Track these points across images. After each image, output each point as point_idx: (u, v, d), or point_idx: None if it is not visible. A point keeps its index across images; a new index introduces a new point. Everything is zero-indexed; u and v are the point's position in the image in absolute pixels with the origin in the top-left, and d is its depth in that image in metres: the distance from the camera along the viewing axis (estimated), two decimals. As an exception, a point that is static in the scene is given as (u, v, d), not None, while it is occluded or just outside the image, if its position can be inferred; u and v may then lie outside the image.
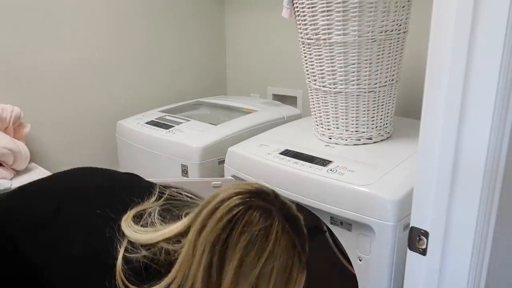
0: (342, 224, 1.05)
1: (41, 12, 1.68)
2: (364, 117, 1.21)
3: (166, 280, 0.68)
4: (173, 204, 0.83)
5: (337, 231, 1.07)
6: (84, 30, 1.81)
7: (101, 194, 0.85)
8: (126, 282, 0.67)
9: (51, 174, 1.18)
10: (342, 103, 1.20)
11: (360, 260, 1.03)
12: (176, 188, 0.90)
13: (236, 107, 1.88)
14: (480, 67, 0.57)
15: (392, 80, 1.21)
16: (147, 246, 0.71)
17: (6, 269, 0.79)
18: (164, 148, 1.52)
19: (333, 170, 1.07)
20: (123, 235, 0.73)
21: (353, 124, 1.22)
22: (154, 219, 0.77)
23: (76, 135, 1.18)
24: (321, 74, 1.21)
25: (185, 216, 0.76)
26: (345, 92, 1.19)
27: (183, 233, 0.71)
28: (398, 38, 1.17)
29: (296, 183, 1.12)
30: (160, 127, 1.62)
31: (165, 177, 1.36)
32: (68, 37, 1.77)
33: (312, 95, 1.30)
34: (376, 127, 1.23)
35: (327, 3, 1.10)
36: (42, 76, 1.72)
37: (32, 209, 0.83)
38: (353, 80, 1.17)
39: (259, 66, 2.17)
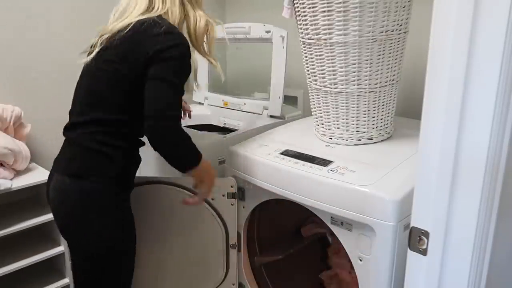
0: (343, 224, 1.05)
1: (41, 12, 1.68)
2: (365, 117, 1.21)
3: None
4: None
5: (337, 231, 1.07)
6: (84, 30, 1.81)
7: None
8: None
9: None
10: (343, 103, 1.20)
11: (360, 260, 1.03)
12: None
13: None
14: (481, 66, 0.57)
15: (393, 80, 1.21)
16: None
17: None
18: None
19: (334, 170, 1.07)
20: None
21: (353, 124, 1.22)
22: None
23: (76, 135, 1.20)
24: (322, 74, 1.21)
25: None
26: (346, 92, 1.19)
27: None
28: (399, 38, 1.17)
29: (296, 183, 1.12)
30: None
31: (166, 175, 1.36)
32: (68, 37, 1.77)
33: (312, 95, 1.30)
34: (377, 127, 1.23)
35: (327, 3, 1.10)
36: (42, 76, 1.72)
37: None
38: (354, 80, 1.17)
39: (259, 65, 2.17)
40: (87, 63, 1.12)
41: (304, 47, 1.25)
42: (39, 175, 1.53)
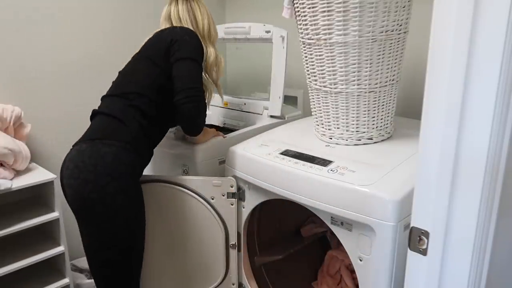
0: (343, 224, 1.05)
1: (42, 12, 1.68)
2: (365, 117, 1.21)
3: None
4: None
5: (337, 231, 1.07)
6: (84, 30, 1.82)
7: None
8: None
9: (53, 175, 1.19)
10: (343, 103, 1.20)
11: (360, 260, 1.03)
12: None
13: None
14: (481, 66, 0.57)
15: (393, 80, 1.21)
16: None
17: None
18: (165, 147, 1.52)
19: (334, 170, 1.07)
20: None
21: (353, 124, 1.22)
22: None
23: (76, 135, 1.19)
24: (322, 74, 1.21)
25: None
26: (346, 92, 1.19)
27: None
28: (399, 38, 1.17)
29: (296, 183, 1.12)
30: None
31: (164, 174, 1.36)
32: (68, 37, 1.77)
33: (312, 95, 1.30)
34: (377, 127, 1.23)
35: (327, 3, 1.10)
36: (42, 76, 1.72)
37: None
38: (354, 80, 1.17)
39: (259, 65, 2.17)
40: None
41: (304, 47, 1.25)
42: (39, 175, 1.53)
